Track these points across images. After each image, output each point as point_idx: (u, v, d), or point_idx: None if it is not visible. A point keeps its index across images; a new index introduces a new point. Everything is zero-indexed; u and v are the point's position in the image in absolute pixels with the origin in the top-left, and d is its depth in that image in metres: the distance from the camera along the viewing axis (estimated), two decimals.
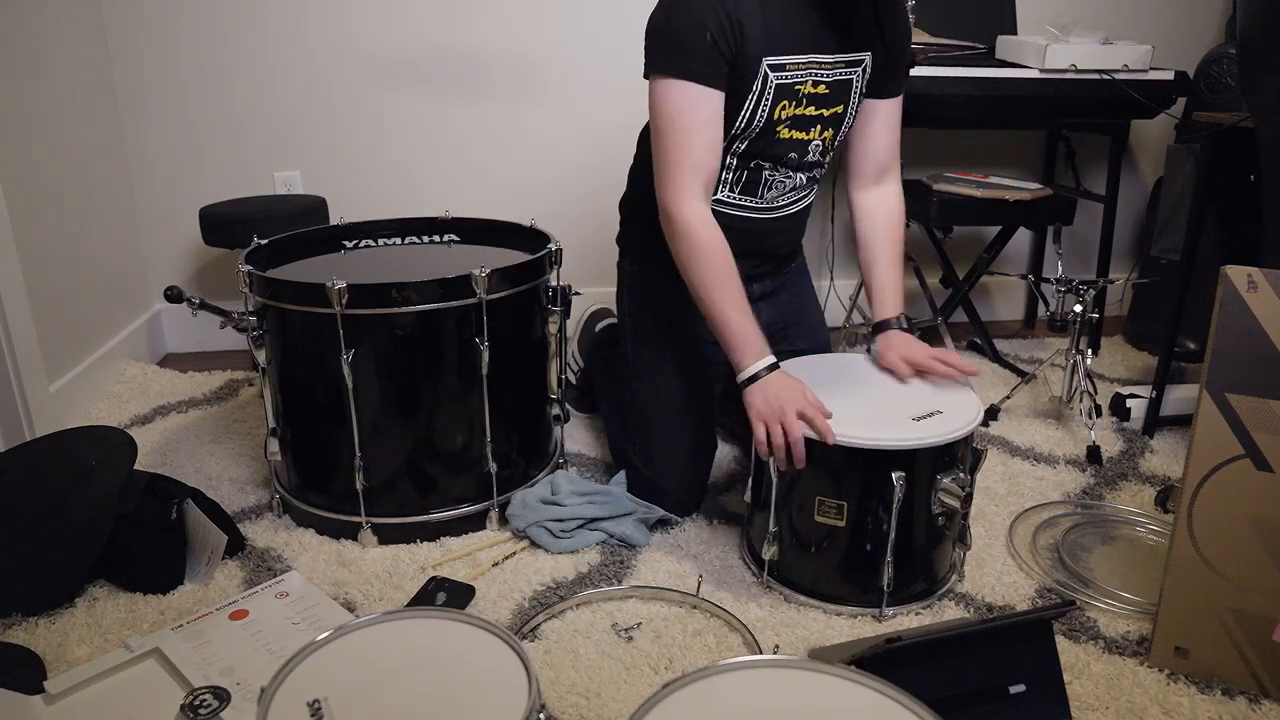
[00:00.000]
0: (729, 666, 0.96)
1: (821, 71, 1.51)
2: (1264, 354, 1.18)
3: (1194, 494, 1.25)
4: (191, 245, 2.60)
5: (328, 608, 1.43)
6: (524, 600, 1.48)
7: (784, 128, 1.53)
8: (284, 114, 2.51)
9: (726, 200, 1.61)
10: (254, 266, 1.60)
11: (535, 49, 2.53)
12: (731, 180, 1.59)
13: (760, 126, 1.52)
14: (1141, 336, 2.69)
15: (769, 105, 1.50)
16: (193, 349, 2.69)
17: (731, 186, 1.60)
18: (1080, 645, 1.38)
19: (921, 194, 2.37)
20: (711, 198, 1.55)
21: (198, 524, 1.54)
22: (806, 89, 1.51)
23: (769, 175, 1.59)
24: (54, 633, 1.40)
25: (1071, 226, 2.58)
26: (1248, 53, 1.61)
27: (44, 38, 2.11)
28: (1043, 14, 2.62)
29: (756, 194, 1.61)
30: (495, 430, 1.65)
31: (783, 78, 1.48)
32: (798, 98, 1.51)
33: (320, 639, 1.01)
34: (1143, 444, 2.04)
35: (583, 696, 1.27)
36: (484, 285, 1.55)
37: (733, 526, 1.70)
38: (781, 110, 1.51)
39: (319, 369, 1.56)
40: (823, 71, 1.51)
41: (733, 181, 1.60)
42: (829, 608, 1.46)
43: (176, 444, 2.01)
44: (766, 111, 1.50)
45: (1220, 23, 2.78)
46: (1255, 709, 1.25)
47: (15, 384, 1.91)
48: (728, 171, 1.58)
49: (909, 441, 1.35)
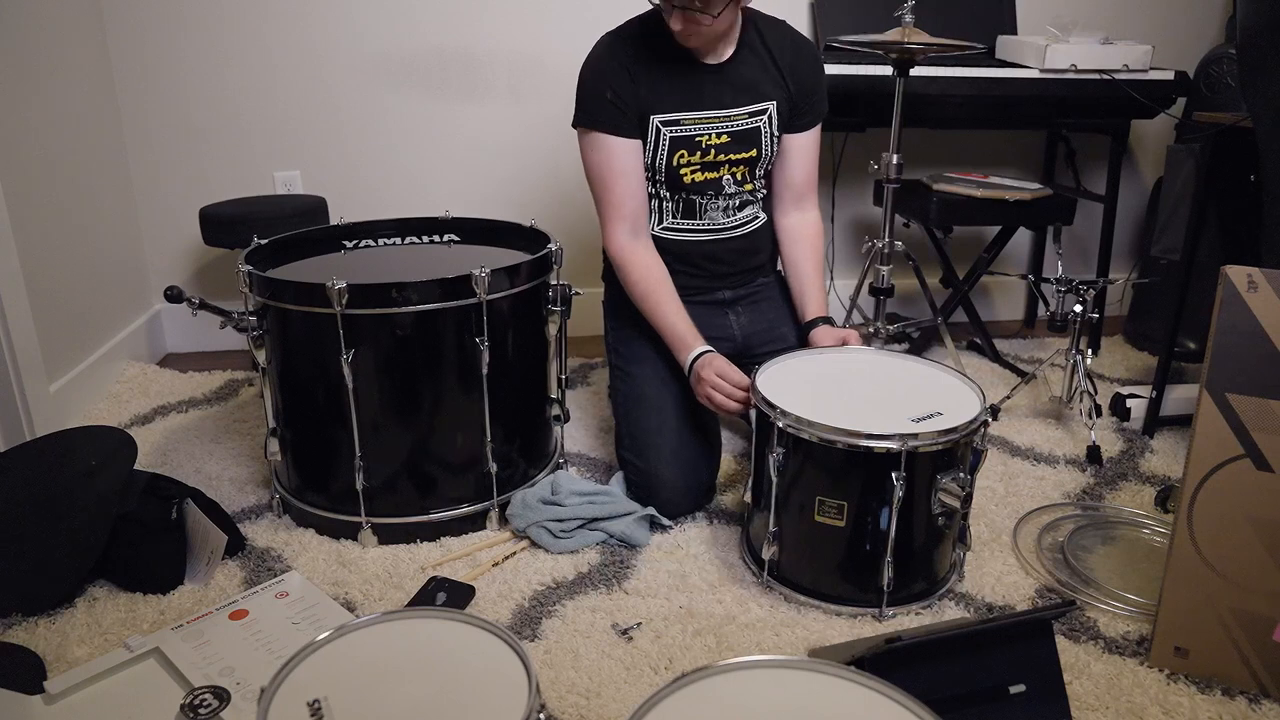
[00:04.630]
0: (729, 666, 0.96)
1: (721, 124, 1.70)
2: (1264, 354, 1.18)
3: (1194, 494, 1.25)
4: (191, 245, 2.60)
5: (328, 608, 1.43)
6: (524, 600, 1.48)
7: (689, 170, 1.72)
8: (284, 114, 2.51)
9: (674, 226, 1.79)
10: (254, 266, 1.60)
11: (535, 49, 2.53)
12: (672, 209, 1.78)
13: (664, 170, 1.72)
14: (1141, 336, 2.69)
15: (665, 153, 1.70)
16: (193, 349, 2.69)
17: (674, 214, 1.78)
18: (1080, 645, 1.38)
19: (921, 194, 2.37)
20: (659, 225, 1.78)
21: (198, 524, 1.54)
22: (709, 140, 1.70)
23: (701, 203, 1.77)
24: (54, 633, 1.40)
25: (1071, 226, 2.58)
26: (1247, 53, 1.61)
27: (44, 38, 2.11)
28: (1043, 14, 2.62)
29: (696, 217, 1.78)
30: (495, 430, 1.65)
31: (677, 131, 1.69)
32: (700, 148, 1.71)
33: (320, 639, 1.01)
34: (1143, 444, 2.04)
35: (583, 696, 1.27)
36: (484, 285, 1.55)
37: (733, 526, 1.70)
38: (680, 158, 1.71)
39: (319, 369, 1.56)
40: (722, 124, 1.70)
41: (673, 210, 1.78)
42: (829, 608, 1.46)
43: (176, 444, 2.01)
44: (665, 158, 1.70)
45: (1220, 23, 2.78)
46: (1255, 709, 1.25)
47: (15, 384, 1.91)
48: (666, 202, 1.77)
49: (909, 442, 1.35)
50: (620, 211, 1.70)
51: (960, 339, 2.65)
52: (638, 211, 1.71)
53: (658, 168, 1.72)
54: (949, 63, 2.27)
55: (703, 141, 1.70)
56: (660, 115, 1.68)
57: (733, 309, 1.86)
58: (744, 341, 1.84)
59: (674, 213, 1.77)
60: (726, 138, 1.71)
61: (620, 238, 1.71)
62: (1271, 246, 1.68)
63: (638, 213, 1.71)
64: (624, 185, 1.69)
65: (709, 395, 1.59)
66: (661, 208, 1.77)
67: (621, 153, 1.67)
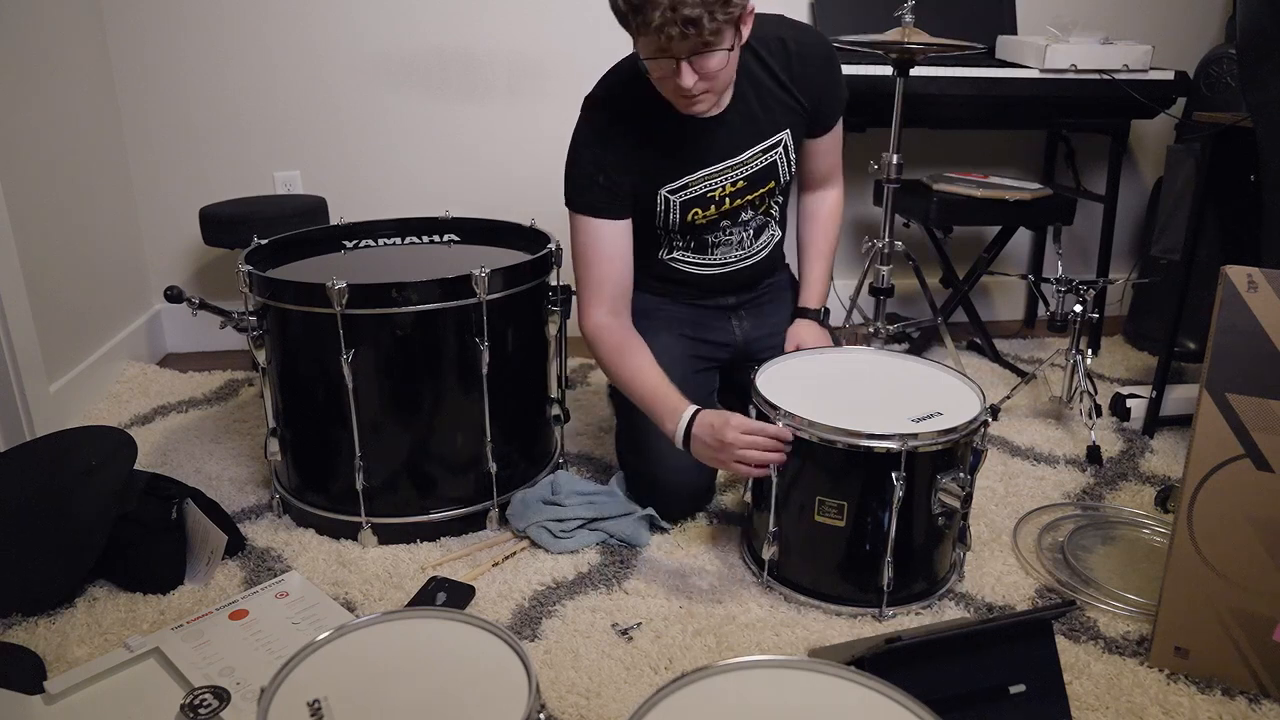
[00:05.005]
0: (729, 666, 0.96)
1: (733, 173, 1.61)
2: (1264, 354, 1.18)
3: (1194, 494, 1.25)
4: (191, 245, 2.60)
5: (328, 608, 1.43)
6: (524, 600, 1.48)
7: (704, 219, 1.64)
8: (284, 114, 2.51)
9: (686, 260, 1.72)
10: (254, 266, 1.60)
11: (535, 49, 2.53)
12: (683, 245, 1.70)
13: (677, 227, 1.65)
14: (1141, 336, 2.69)
15: (678, 215, 1.63)
16: (193, 349, 2.69)
17: (684, 249, 1.71)
18: (1080, 645, 1.38)
19: (921, 194, 2.37)
20: (667, 254, 1.71)
21: (198, 524, 1.54)
22: (724, 192, 1.62)
23: (713, 239, 1.70)
24: (54, 633, 1.40)
25: (1071, 226, 2.58)
26: (1247, 53, 1.61)
27: (44, 38, 2.11)
28: (1043, 14, 2.62)
29: (708, 253, 1.71)
30: (495, 430, 1.65)
31: (687, 195, 1.61)
32: (715, 201, 1.62)
33: (320, 639, 1.01)
34: (1143, 444, 2.04)
35: (583, 696, 1.27)
36: (484, 285, 1.55)
37: (733, 526, 1.70)
38: (694, 216, 1.63)
39: (319, 369, 1.56)
40: (734, 172, 1.61)
41: (684, 246, 1.71)
42: (829, 608, 1.46)
43: (176, 444, 2.01)
44: (677, 218, 1.63)
45: (1220, 23, 2.78)
46: (1255, 709, 1.25)
47: (15, 384, 1.91)
48: (676, 238, 1.70)
49: (909, 442, 1.35)
50: (600, 293, 1.59)
51: (960, 339, 2.65)
52: (619, 293, 1.61)
53: (670, 226, 1.65)
54: (949, 63, 2.27)
55: (716, 195, 1.62)
56: (667, 186, 1.59)
57: (736, 313, 1.80)
58: (745, 346, 1.80)
59: (684, 248, 1.71)
60: (743, 183, 1.62)
61: (597, 317, 1.59)
62: (1271, 246, 1.68)
63: (619, 294, 1.61)
64: (608, 268, 1.59)
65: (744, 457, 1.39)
66: (671, 243, 1.70)
67: (610, 236, 1.58)
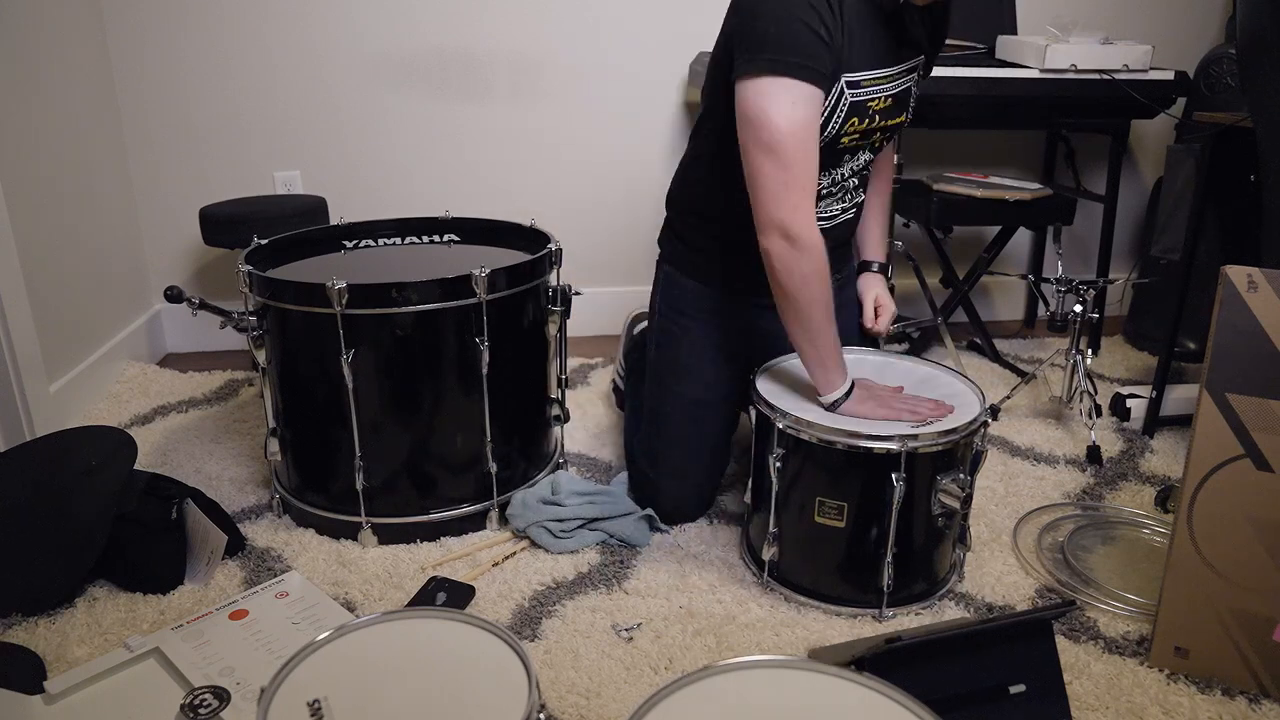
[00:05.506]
0: (729, 666, 0.96)
1: (889, 85, 1.44)
2: (1264, 354, 1.18)
3: (1194, 494, 1.25)
4: (191, 245, 2.60)
5: (328, 608, 1.43)
6: (524, 600, 1.48)
7: (848, 139, 1.45)
8: (284, 114, 2.51)
9: None
10: (254, 266, 1.60)
11: (535, 49, 2.53)
12: None
13: (826, 143, 1.42)
14: (1141, 336, 2.69)
15: (839, 123, 1.41)
16: (193, 349, 2.69)
17: None
18: (1080, 645, 1.38)
19: (921, 194, 2.37)
20: None
21: (198, 524, 1.54)
22: (878, 104, 1.43)
23: (825, 188, 1.52)
24: (54, 633, 1.40)
25: (1071, 226, 2.58)
26: (1247, 53, 1.61)
27: (44, 38, 2.11)
28: (1043, 14, 2.62)
29: (818, 204, 1.50)
30: (495, 430, 1.65)
31: (857, 95, 1.40)
32: (868, 114, 1.43)
33: (320, 639, 1.01)
34: (1143, 444, 2.04)
35: (583, 696, 1.27)
36: (484, 285, 1.55)
37: (733, 526, 1.70)
38: (850, 126, 1.43)
39: (319, 369, 1.56)
40: (890, 84, 1.45)
41: None
42: (829, 608, 1.46)
43: (176, 444, 2.01)
44: (836, 128, 1.42)
45: (1220, 23, 2.78)
46: (1255, 709, 1.25)
47: (15, 384, 1.91)
48: None
49: (909, 442, 1.35)
50: (812, 183, 1.32)
51: (960, 339, 2.65)
52: None
53: (824, 139, 1.39)
54: (949, 63, 2.27)
55: (874, 106, 1.41)
56: (850, 74, 1.36)
57: None
58: None
59: None
60: (889, 100, 1.44)
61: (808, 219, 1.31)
62: (1271, 246, 1.68)
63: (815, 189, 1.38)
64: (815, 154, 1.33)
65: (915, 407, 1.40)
66: None
67: (820, 106, 1.32)
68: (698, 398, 1.65)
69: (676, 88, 2.59)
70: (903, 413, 1.41)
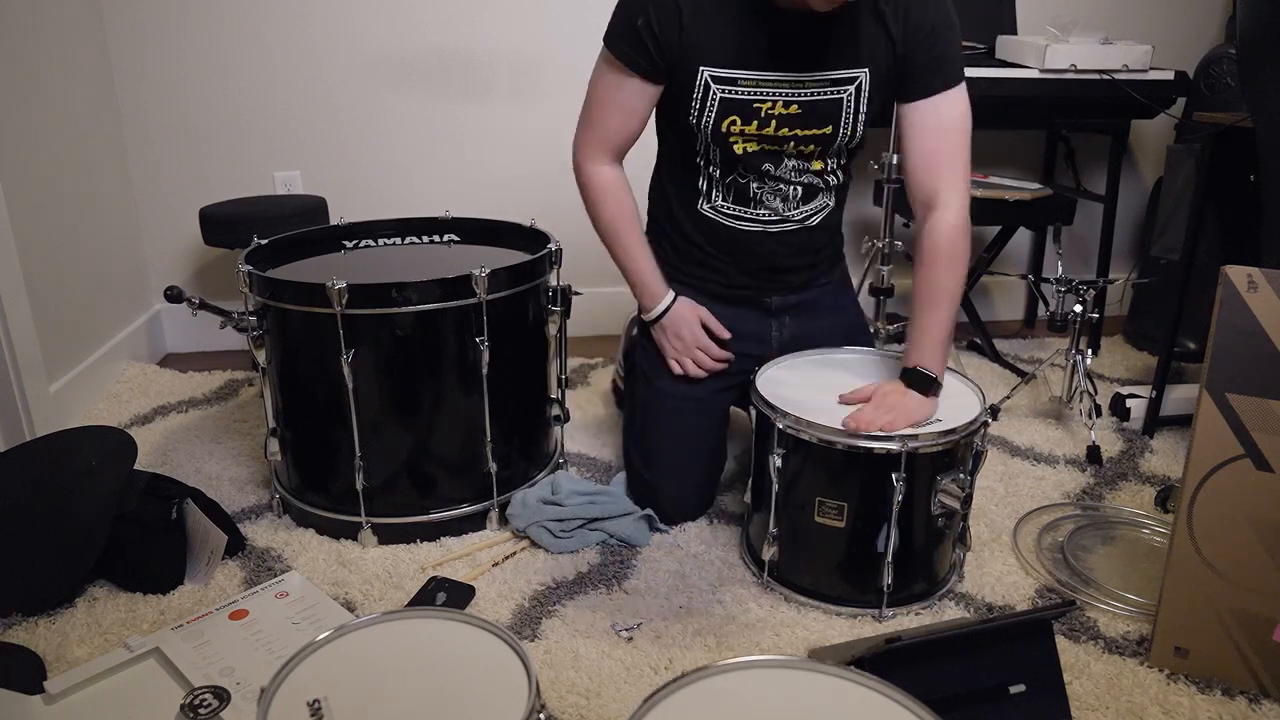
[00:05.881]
0: (729, 666, 0.96)
1: (791, 92, 1.45)
2: (1264, 354, 1.18)
3: (1194, 494, 1.25)
4: (191, 245, 2.60)
5: (328, 608, 1.43)
6: (524, 600, 1.48)
7: (740, 141, 1.49)
8: (284, 114, 2.51)
9: (720, 208, 1.59)
10: (254, 266, 1.60)
11: (535, 49, 2.53)
12: (722, 188, 1.57)
13: (709, 137, 1.49)
14: (1141, 336, 2.69)
15: (713, 116, 1.47)
16: (193, 349, 2.69)
17: (723, 194, 1.58)
18: (1080, 645, 1.38)
19: None
20: (705, 204, 1.60)
21: (198, 524, 1.54)
22: (774, 109, 1.46)
23: (756, 188, 1.55)
24: (54, 633, 1.40)
25: (1071, 226, 2.58)
26: (1247, 53, 1.61)
27: (44, 38, 2.11)
28: (1043, 14, 2.62)
29: (749, 204, 1.58)
30: (495, 430, 1.65)
31: (731, 92, 1.45)
32: (758, 116, 1.46)
33: (320, 639, 1.01)
34: (1143, 444, 2.04)
35: (583, 696, 1.27)
36: (484, 285, 1.55)
37: (733, 526, 1.70)
38: (731, 125, 1.47)
39: (319, 369, 1.56)
40: (793, 92, 1.45)
41: (723, 189, 1.57)
42: (829, 608, 1.46)
43: (176, 444, 2.01)
44: (711, 122, 1.48)
45: (1220, 23, 2.78)
46: (1255, 709, 1.25)
47: (15, 384, 1.91)
48: (716, 180, 1.57)
49: (909, 442, 1.35)
50: (604, 142, 1.54)
51: (960, 339, 2.64)
52: (623, 146, 1.57)
53: (703, 129, 1.49)
54: None
55: (761, 110, 1.45)
56: (711, 68, 1.43)
57: (779, 318, 1.69)
58: (780, 350, 1.68)
59: (723, 194, 1.57)
60: (796, 108, 1.46)
61: (597, 162, 1.56)
62: (1271, 246, 1.68)
63: (622, 147, 1.57)
64: (619, 122, 1.53)
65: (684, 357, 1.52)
66: (710, 187, 1.57)
67: (631, 92, 1.50)
68: (681, 394, 1.67)
69: None
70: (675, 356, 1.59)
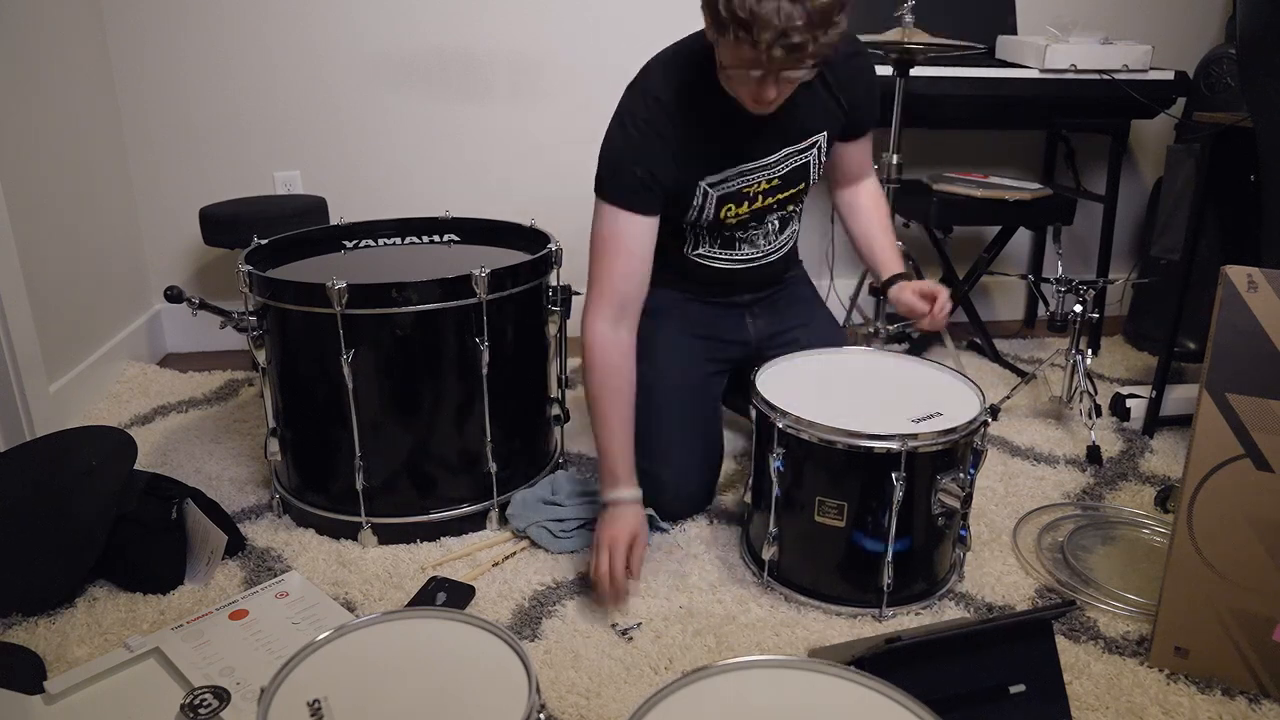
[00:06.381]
0: (729, 666, 0.96)
1: (769, 170, 1.58)
2: (1264, 354, 1.18)
3: (1194, 494, 1.25)
4: (191, 245, 2.60)
5: (328, 608, 1.43)
6: (524, 600, 1.48)
7: (733, 218, 1.62)
8: (284, 114, 2.51)
9: (709, 255, 1.70)
10: (254, 266, 1.60)
11: (535, 49, 2.53)
12: (708, 240, 1.68)
13: (708, 222, 1.62)
14: (1141, 336, 2.69)
15: (713, 208, 1.59)
16: (193, 349, 2.69)
17: (711, 245, 1.69)
18: (1080, 645, 1.38)
19: (921, 194, 2.37)
20: (692, 250, 1.69)
21: (198, 524, 1.54)
22: (759, 187, 1.59)
23: (740, 237, 1.69)
24: (54, 633, 1.40)
25: (1071, 226, 2.58)
26: (1247, 53, 1.61)
27: (44, 38, 2.11)
28: (1043, 14, 2.62)
29: (734, 249, 1.70)
30: (495, 430, 1.65)
31: (725, 189, 1.57)
32: (749, 198, 1.60)
33: (320, 639, 1.01)
34: (1143, 444, 2.04)
35: (583, 696, 1.27)
36: (484, 285, 1.55)
37: (733, 526, 1.70)
38: (727, 211, 1.60)
39: (319, 369, 1.56)
40: (770, 170, 1.58)
41: (710, 242, 1.69)
42: (829, 608, 1.46)
43: (176, 444, 2.01)
44: (711, 213, 1.60)
45: (1220, 23, 2.78)
46: (1255, 709, 1.25)
47: (15, 384, 1.91)
48: (703, 236, 1.68)
49: (909, 442, 1.35)
50: (612, 294, 1.52)
51: (960, 339, 2.65)
52: (630, 296, 1.54)
53: (701, 222, 1.62)
54: (949, 63, 2.27)
55: (750, 192, 1.59)
56: (710, 178, 1.55)
57: (750, 310, 1.79)
58: (758, 344, 1.77)
59: (709, 243, 1.68)
60: (777, 181, 1.60)
61: (601, 323, 1.53)
62: (1271, 247, 1.68)
63: (629, 297, 1.54)
64: (625, 265, 1.52)
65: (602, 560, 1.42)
66: (697, 241, 1.68)
67: (637, 232, 1.52)
68: (673, 384, 1.70)
69: None
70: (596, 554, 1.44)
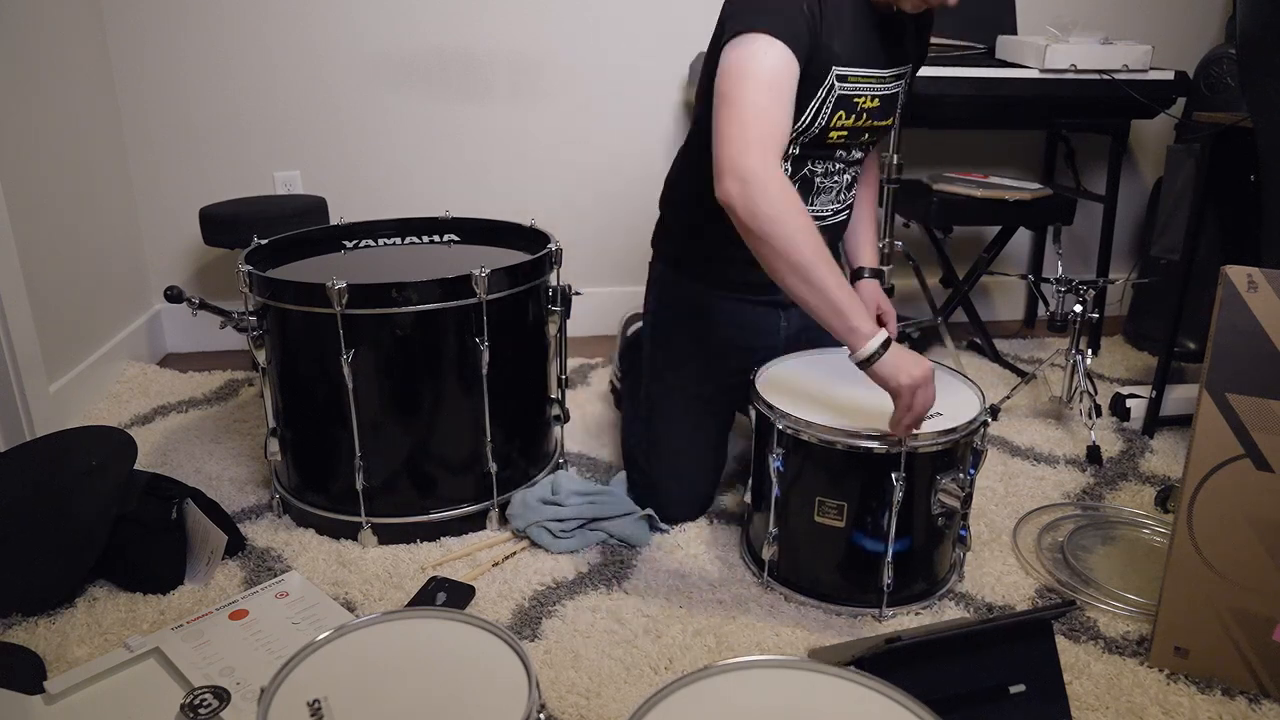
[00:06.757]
0: (729, 666, 0.96)
1: (878, 86, 1.49)
2: (1264, 354, 1.18)
3: (1194, 494, 1.25)
4: (191, 245, 2.60)
5: (328, 608, 1.43)
6: (524, 600, 1.48)
7: (835, 134, 1.49)
8: (284, 114, 2.51)
9: None
10: (254, 266, 1.60)
11: (535, 49, 2.53)
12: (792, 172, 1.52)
13: (816, 134, 1.47)
14: (1141, 336, 2.69)
15: (828, 114, 1.45)
16: (193, 349, 2.69)
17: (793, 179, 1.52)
18: (1080, 645, 1.38)
19: (921, 194, 2.37)
20: None
21: (198, 524, 1.54)
22: (865, 103, 1.47)
23: (820, 181, 1.54)
24: (54, 633, 1.40)
25: (1071, 226, 2.58)
26: (1247, 53, 1.61)
27: (44, 38, 2.11)
28: (1043, 14, 2.62)
29: (810, 197, 1.55)
30: (495, 430, 1.65)
31: (845, 89, 1.44)
32: (856, 111, 1.47)
33: (320, 639, 1.01)
34: (1143, 444, 2.04)
35: (583, 696, 1.27)
36: (484, 285, 1.55)
37: (733, 526, 1.70)
38: (837, 120, 1.46)
39: (319, 369, 1.56)
40: (879, 86, 1.49)
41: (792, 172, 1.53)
42: (829, 608, 1.46)
43: (176, 444, 2.01)
44: (825, 120, 1.46)
45: (1220, 23, 2.78)
46: (1255, 709, 1.25)
47: (15, 384, 1.91)
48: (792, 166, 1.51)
49: (909, 442, 1.35)
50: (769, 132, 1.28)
51: (960, 339, 2.65)
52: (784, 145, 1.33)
53: (814, 128, 1.44)
54: (949, 63, 2.27)
55: (859, 105, 1.46)
56: (840, 68, 1.40)
57: (787, 311, 1.68)
58: (785, 346, 1.68)
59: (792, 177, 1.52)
60: (878, 101, 1.49)
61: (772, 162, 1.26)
62: (1271, 247, 1.68)
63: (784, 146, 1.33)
64: (778, 113, 1.30)
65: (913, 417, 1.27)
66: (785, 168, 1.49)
67: (792, 71, 1.31)
68: (693, 392, 1.67)
69: (676, 88, 2.59)
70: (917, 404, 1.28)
